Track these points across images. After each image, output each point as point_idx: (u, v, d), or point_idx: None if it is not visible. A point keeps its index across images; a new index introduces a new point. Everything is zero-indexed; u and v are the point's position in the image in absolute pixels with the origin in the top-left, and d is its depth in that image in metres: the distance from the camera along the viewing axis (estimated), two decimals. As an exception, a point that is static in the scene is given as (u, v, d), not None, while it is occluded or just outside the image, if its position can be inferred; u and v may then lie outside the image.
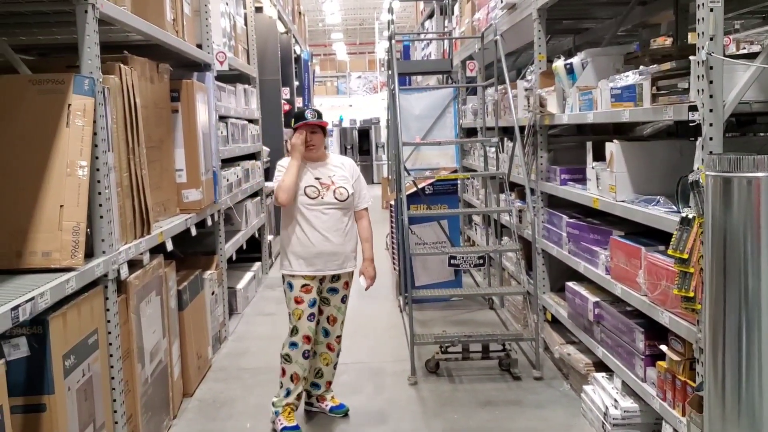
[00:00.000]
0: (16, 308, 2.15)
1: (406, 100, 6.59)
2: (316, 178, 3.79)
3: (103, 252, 2.95)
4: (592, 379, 3.81)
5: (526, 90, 5.09)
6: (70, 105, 2.83)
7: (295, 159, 3.76)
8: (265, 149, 8.78)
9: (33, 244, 2.67)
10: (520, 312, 5.31)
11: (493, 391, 4.23)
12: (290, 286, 3.78)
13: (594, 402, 3.65)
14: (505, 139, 5.79)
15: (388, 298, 6.62)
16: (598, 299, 3.83)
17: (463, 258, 4.67)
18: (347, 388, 4.43)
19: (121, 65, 3.35)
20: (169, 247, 3.94)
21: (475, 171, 7.06)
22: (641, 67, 3.33)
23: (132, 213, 3.39)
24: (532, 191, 4.76)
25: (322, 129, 3.84)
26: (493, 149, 6.13)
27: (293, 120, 3.84)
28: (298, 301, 3.75)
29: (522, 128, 4.86)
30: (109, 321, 2.98)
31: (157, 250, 3.80)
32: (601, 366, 3.83)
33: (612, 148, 3.54)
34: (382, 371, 4.67)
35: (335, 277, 3.86)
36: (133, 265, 3.45)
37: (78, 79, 2.87)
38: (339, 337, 3.97)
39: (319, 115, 3.84)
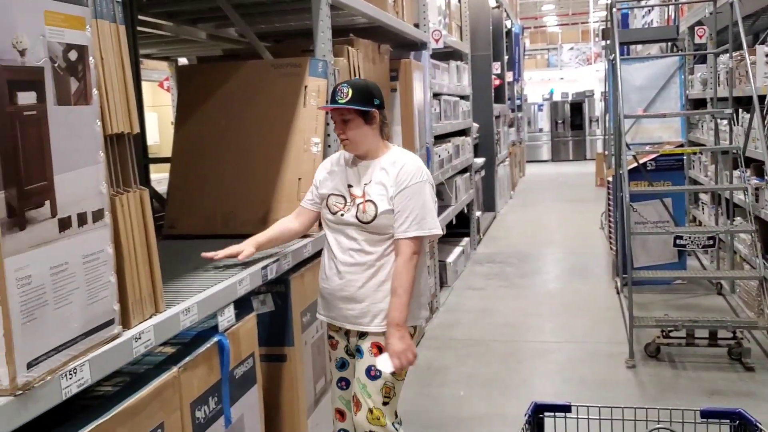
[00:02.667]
0: (265, 268, 2.41)
1: (627, 71, 6.28)
2: (349, 185, 2.51)
3: (334, 221, 3.19)
4: (841, 375, 3.42)
5: (767, 56, 4.63)
6: (306, 86, 3.08)
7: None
8: (475, 125, 8.84)
9: (276, 212, 2.95)
10: (753, 299, 4.88)
11: (720, 380, 3.96)
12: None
13: (843, 401, 3.28)
14: (740, 110, 5.31)
15: (603, 279, 6.41)
16: None
17: (690, 238, 4.39)
18: (559, 366, 4.39)
19: (349, 48, 3.56)
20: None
21: (703, 145, 6.56)
22: None
23: (358, 186, 3.61)
24: (772, 167, 4.33)
25: (361, 115, 2.43)
26: (726, 122, 5.64)
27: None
28: (329, 354, 2.72)
29: (762, 98, 4.43)
30: (338, 285, 3.22)
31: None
32: None
33: None
34: (598, 352, 4.55)
35: (362, 333, 2.52)
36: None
37: (313, 62, 3.11)
38: None
39: (360, 94, 2.41)
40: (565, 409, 1.58)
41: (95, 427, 1.49)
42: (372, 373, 2.45)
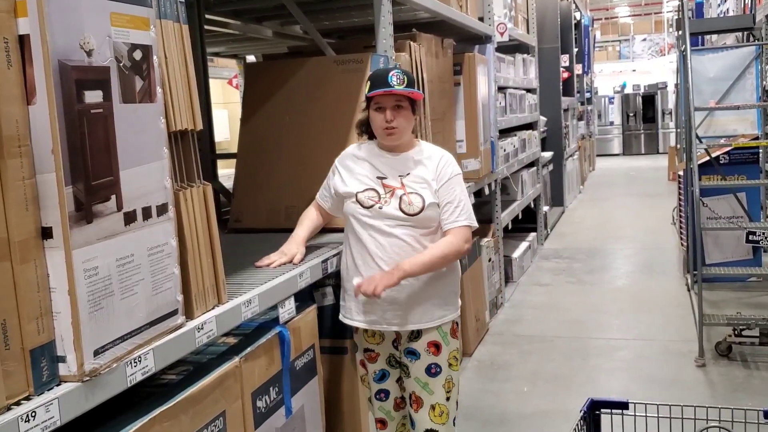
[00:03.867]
0: (325, 261, 2.45)
1: (699, 62, 6.06)
2: (380, 177, 2.41)
3: (395, 216, 3.21)
4: None
5: None
6: (367, 82, 3.10)
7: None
8: (542, 119, 8.71)
9: (337, 207, 2.99)
10: (834, 297, 4.66)
11: (797, 382, 3.80)
12: (355, 342, 2.59)
13: None
14: (822, 100, 5.06)
15: (675, 276, 6.22)
16: None
17: (764, 234, 4.21)
18: (626, 364, 4.29)
19: (411, 43, 3.57)
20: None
21: (781, 138, 6.27)
22: None
23: (419, 181, 3.62)
24: None
25: (411, 102, 2.37)
26: (806, 112, 5.40)
27: (368, 85, 2.39)
28: (363, 366, 2.56)
29: None
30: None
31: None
32: None
33: None
34: (667, 350, 4.43)
35: (413, 334, 2.42)
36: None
37: (374, 57, 3.13)
38: None
39: (410, 81, 2.34)
40: (623, 406, 1.55)
41: (159, 413, 1.56)
42: (432, 371, 2.39)
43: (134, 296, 1.50)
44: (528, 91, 7.29)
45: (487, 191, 5.16)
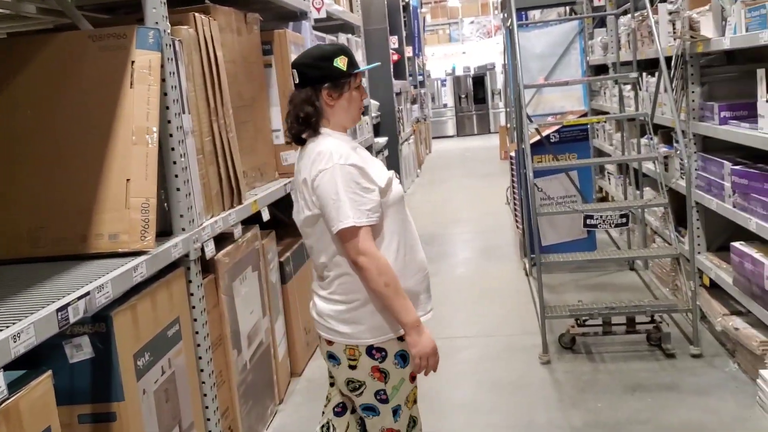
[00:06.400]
0: (64, 308, 1.78)
1: (526, 39, 5.88)
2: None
3: (183, 229, 2.57)
4: (770, 361, 3.11)
5: (670, 14, 4.28)
6: (133, 62, 2.44)
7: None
8: (374, 103, 8.34)
9: (99, 225, 2.31)
10: (667, 274, 4.59)
11: (642, 372, 3.60)
12: (402, 358, 2.23)
13: (776, 391, 2.96)
14: (644, 74, 4.98)
15: (513, 259, 6.03)
16: (777, 264, 3.10)
17: (601, 217, 4.00)
18: (470, 366, 3.95)
19: (196, 15, 2.93)
20: (266, 216, 3.54)
21: (606, 113, 6.26)
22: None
23: (218, 182, 3.00)
24: (684, 134, 4.00)
25: None
26: (629, 87, 5.34)
27: (342, 61, 2.16)
28: (414, 378, 2.30)
29: (668, 59, 4.08)
30: (193, 307, 2.62)
31: (254, 220, 3.44)
32: (782, 345, 3.12)
33: (798, 73, 2.77)
34: (510, 346, 4.14)
35: None
36: (225, 239, 3.09)
37: (141, 31, 2.47)
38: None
39: None
40: None
41: None
42: None
43: None
44: (355, 73, 6.83)
45: (312, 185, 4.63)
